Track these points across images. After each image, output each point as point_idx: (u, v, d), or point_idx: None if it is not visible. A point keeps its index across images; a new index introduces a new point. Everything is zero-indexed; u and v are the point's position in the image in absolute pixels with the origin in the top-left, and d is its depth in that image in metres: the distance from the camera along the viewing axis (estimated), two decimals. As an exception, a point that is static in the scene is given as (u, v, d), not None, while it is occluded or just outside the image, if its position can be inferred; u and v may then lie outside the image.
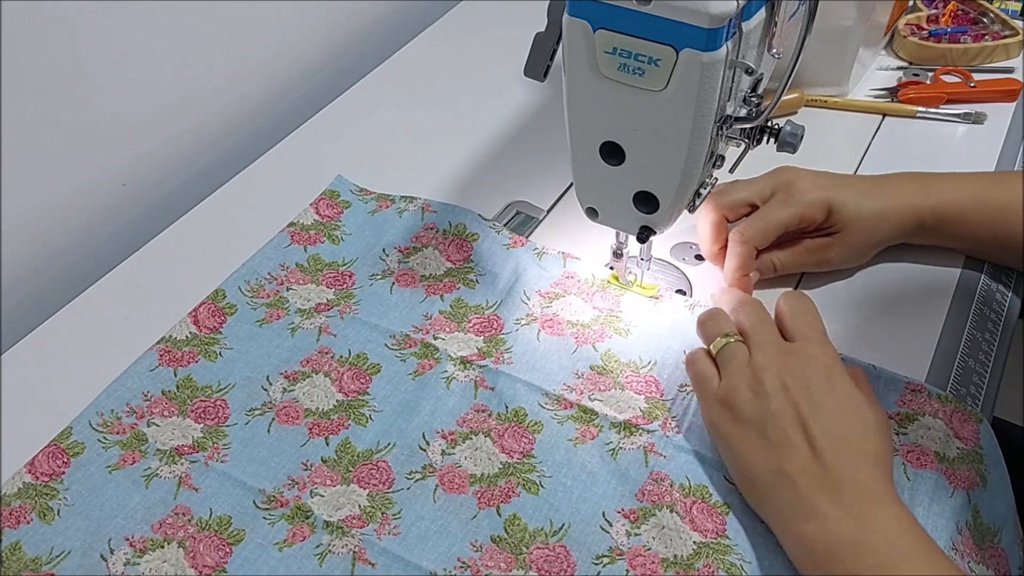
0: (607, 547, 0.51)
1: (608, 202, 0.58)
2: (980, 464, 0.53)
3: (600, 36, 0.48)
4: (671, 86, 0.48)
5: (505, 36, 0.85)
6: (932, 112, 0.81)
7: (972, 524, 0.51)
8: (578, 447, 0.56)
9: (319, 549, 0.51)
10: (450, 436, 0.57)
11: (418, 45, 0.96)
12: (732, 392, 0.52)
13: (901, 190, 0.64)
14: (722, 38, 0.45)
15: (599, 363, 0.61)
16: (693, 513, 0.52)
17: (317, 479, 0.55)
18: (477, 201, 0.74)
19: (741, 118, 0.54)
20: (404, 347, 0.62)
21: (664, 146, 0.52)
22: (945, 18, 0.90)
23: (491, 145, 0.81)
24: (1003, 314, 0.64)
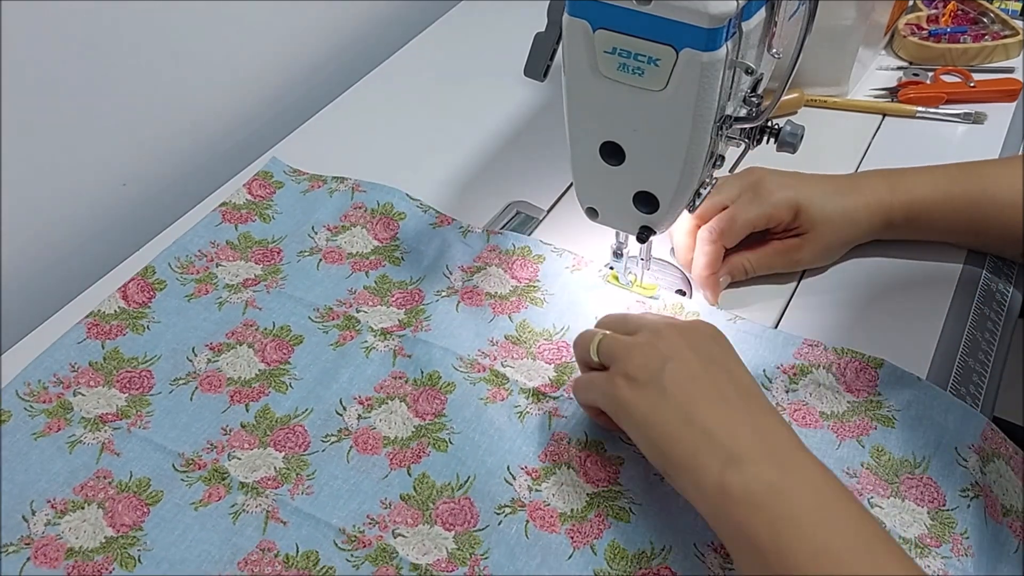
0: (509, 498, 0.53)
1: (608, 202, 0.58)
2: (878, 410, 0.56)
3: (600, 36, 0.48)
4: (671, 86, 0.48)
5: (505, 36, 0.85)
6: (932, 112, 0.81)
7: (874, 464, 0.54)
8: (488, 406, 0.58)
9: (234, 509, 0.53)
10: (367, 401, 0.59)
11: (418, 45, 0.96)
12: (626, 361, 0.50)
13: (869, 188, 0.64)
14: (722, 38, 0.45)
15: (514, 333, 0.63)
16: (587, 466, 0.55)
17: (235, 443, 0.57)
18: (477, 201, 0.74)
19: (741, 118, 0.54)
20: (327, 320, 0.64)
21: (664, 146, 0.52)
22: (945, 18, 0.90)
23: (491, 145, 0.81)
24: (1003, 313, 0.64)
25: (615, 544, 0.51)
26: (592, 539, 0.52)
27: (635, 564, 0.50)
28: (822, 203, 0.63)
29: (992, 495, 0.52)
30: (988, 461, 0.53)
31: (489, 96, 0.87)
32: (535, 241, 0.69)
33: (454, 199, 0.75)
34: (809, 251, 0.64)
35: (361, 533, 0.52)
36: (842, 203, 0.63)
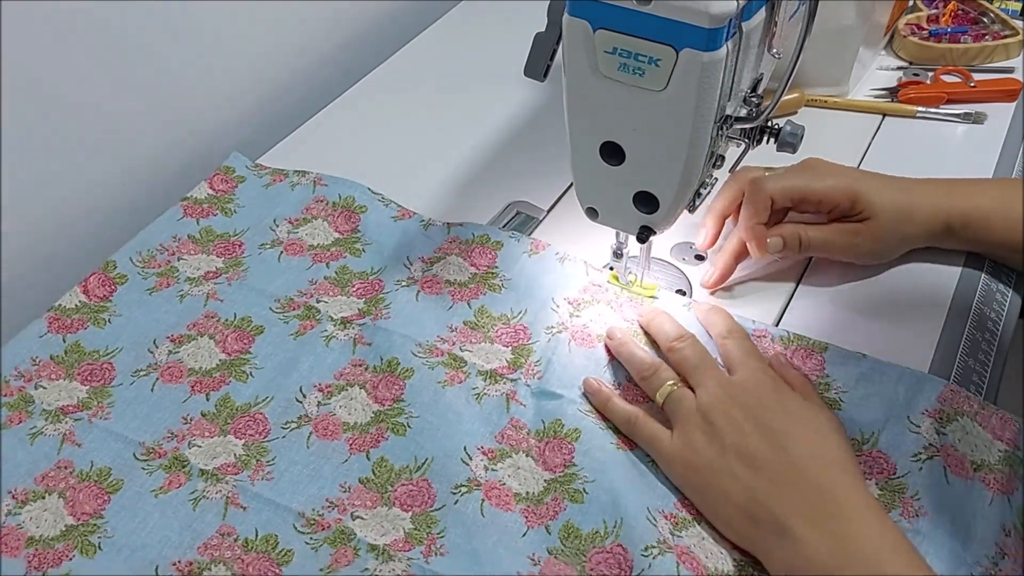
0: (466, 478, 0.54)
1: (608, 202, 0.58)
2: (826, 392, 0.56)
3: (600, 36, 0.48)
4: (671, 86, 0.48)
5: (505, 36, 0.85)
6: (932, 112, 0.81)
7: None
8: (446, 389, 0.59)
9: (194, 495, 0.53)
10: (327, 389, 0.60)
11: (418, 45, 0.96)
12: (686, 443, 0.53)
13: (927, 191, 0.63)
14: (722, 38, 0.45)
15: (472, 319, 0.64)
16: (545, 454, 0.56)
17: (196, 431, 0.57)
18: (477, 201, 0.74)
19: (741, 118, 0.54)
20: (288, 310, 0.65)
21: (664, 146, 0.52)
22: (945, 18, 0.90)
23: (491, 145, 0.81)
24: (1003, 314, 0.64)
25: (570, 524, 0.52)
26: (547, 520, 0.53)
27: (589, 543, 0.51)
28: (880, 193, 0.62)
29: (957, 453, 0.53)
30: (949, 421, 0.54)
31: (489, 96, 0.87)
32: (493, 229, 0.70)
33: (454, 199, 0.75)
34: (868, 238, 0.62)
35: (320, 516, 0.53)
36: (904, 198, 0.62)
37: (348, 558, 0.50)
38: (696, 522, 0.52)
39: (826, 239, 0.63)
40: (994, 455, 0.53)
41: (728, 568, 0.50)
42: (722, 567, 0.50)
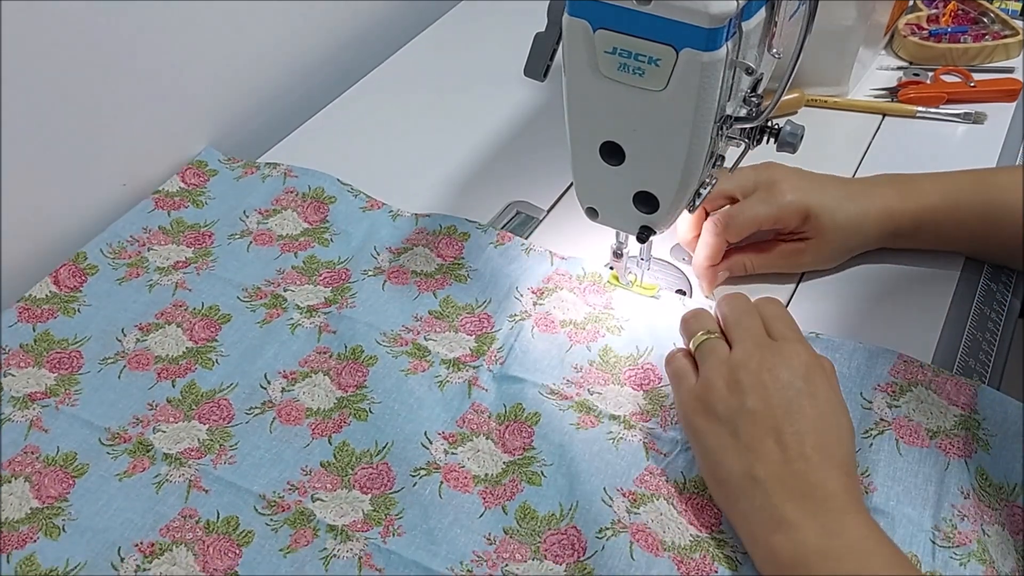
0: (425, 461, 0.55)
1: (608, 202, 0.58)
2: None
3: (600, 36, 0.48)
4: (671, 86, 0.48)
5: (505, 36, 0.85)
6: (932, 112, 0.81)
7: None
8: (409, 377, 0.60)
9: (157, 479, 0.55)
10: (291, 375, 0.61)
11: (418, 45, 0.96)
12: (708, 388, 0.51)
13: (880, 195, 0.64)
14: (722, 38, 0.45)
15: (437, 309, 0.65)
16: (505, 437, 0.56)
17: (161, 417, 0.58)
18: (477, 201, 0.74)
19: (741, 118, 0.54)
20: (255, 299, 0.66)
21: (664, 146, 0.52)
22: (945, 18, 0.90)
23: (491, 145, 0.81)
24: (1003, 314, 0.64)
25: (526, 505, 0.53)
26: (504, 500, 0.53)
27: (544, 524, 0.52)
28: (833, 210, 0.62)
29: (912, 423, 0.54)
30: (903, 393, 0.55)
31: (489, 96, 0.87)
32: (460, 220, 0.71)
33: (454, 199, 0.75)
34: (812, 256, 0.64)
35: (281, 498, 0.54)
36: (852, 211, 0.63)
37: (307, 538, 0.52)
38: (655, 497, 0.53)
39: (771, 262, 0.65)
40: (950, 420, 0.54)
41: (685, 541, 0.51)
42: (679, 540, 0.51)
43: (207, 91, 0.81)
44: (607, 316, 0.64)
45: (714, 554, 0.50)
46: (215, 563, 0.51)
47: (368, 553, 0.51)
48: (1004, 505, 0.51)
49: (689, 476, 0.54)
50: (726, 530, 0.51)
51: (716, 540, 0.51)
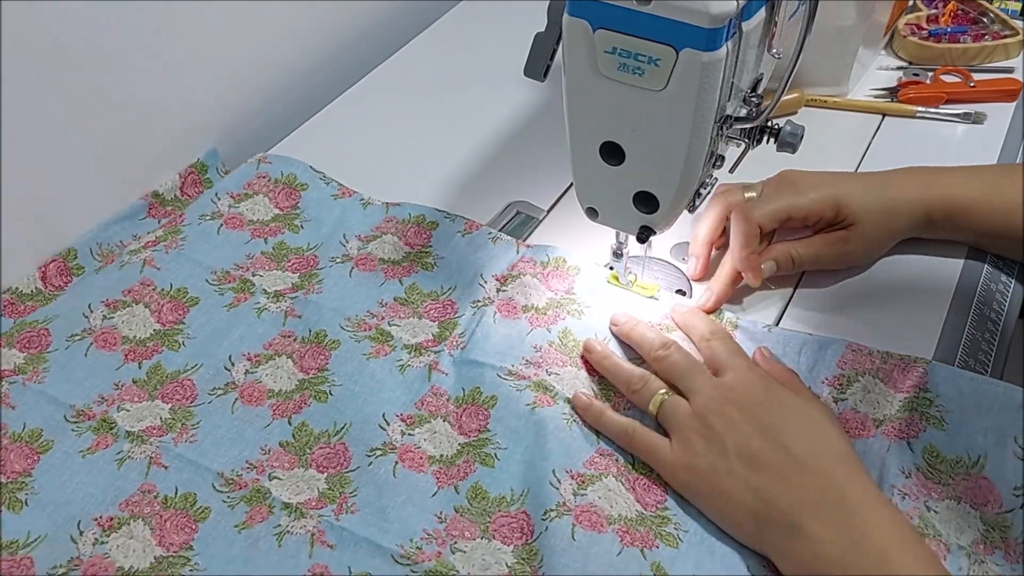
0: (382, 442, 0.56)
1: (608, 202, 0.58)
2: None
3: (600, 36, 0.48)
4: (671, 86, 0.48)
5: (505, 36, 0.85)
6: (932, 112, 0.81)
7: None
8: (370, 361, 0.61)
9: (119, 455, 0.56)
10: (255, 358, 0.62)
11: (418, 45, 0.96)
12: (686, 449, 0.52)
13: (906, 184, 0.64)
14: (722, 38, 0.45)
15: (403, 295, 0.66)
16: (462, 420, 0.58)
17: (125, 396, 0.59)
18: (477, 201, 0.74)
19: (741, 118, 0.54)
20: (223, 283, 0.67)
21: (664, 146, 0.52)
22: (945, 18, 0.90)
23: (491, 145, 0.81)
24: (1003, 314, 0.64)
25: (478, 486, 0.54)
26: (457, 480, 0.55)
27: (495, 506, 0.53)
28: (862, 196, 0.62)
29: (858, 415, 0.55)
30: (850, 384, 0.55)
31: (489, 96, 0.87)
32: (430, 209, 0.72)
33: (454, 199, 0.75)
34: (855, 243, 0.63)
35: (239, 476, 0.55)
36: (882, 196, 0.63)
37: (262, 515, 0.53)
38: (603, 476, 0.54)
39: (816, 253, 0.63)
40: (895, 407, 0.55)
41: (631, 514, 0.52)
42: (625, 513, 0.52)
43: (207, 91, 0.81)
44: (568, 301, 0.64)
45: (657, 531, 0.51)
46: (171, 537, 0.52)
47: (321, 530, 0.52)
48: (963, 479, 0.52)
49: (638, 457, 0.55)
50: (671, 507, 0.53)
51: (660, 518, 0.52)
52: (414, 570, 0.50)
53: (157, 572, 0.50)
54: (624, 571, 0.49)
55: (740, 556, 0.50)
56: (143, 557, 0.51)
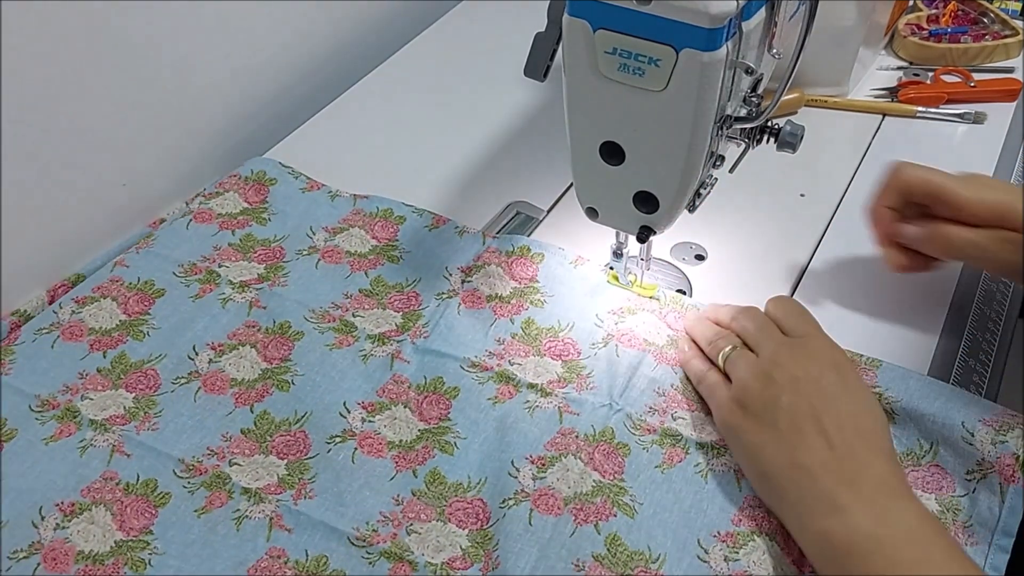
0: (341, 429, 0.57)
1: (608, 202, 0.58)
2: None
3: (600, 36, 0.48)
4: (671, 86, 0.48)
5: (505, 36, 0.85)
6: (932, 112, 0.81)
7: None
8: (333, 351, 0.62)
9: (82, 443, 0.56)
10: (219, 347, 0.62)
11: (418, 45, 0.96)
12: (743, 389, 0.52)
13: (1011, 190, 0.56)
14: (722, 38, 0.45)
15: (368, 287, 0.67)
16: (423, 407, 0.58)
17: (89, 386, 0.60)
18: (477, 201, 0.74)
19: (741, 118, 0.54)
20: (190, 274, 0.67)
21: (664, 146, 0.52)
22: (945, 18, 0.90)
23: (491, 145, 0.81)
24: (1003, 314, 0.64)
25: (436, 471, 0.55)
26: (415, 465, 0.55)
27: (452, 491, 0.54)
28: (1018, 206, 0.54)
29: None
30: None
31: (489, 96, 0.87)
32: (397, 203, 0.73)
33: (454, 199, 0.75)
34: None
35: (199, 462, 0.56)
36: None
37: (222, 500, 0.54)
38: (563, 456, 0.55)
39: (979, 242, 0.55)
40: None
41: (586, 488, 0.53)
42: (582, 488, 0.53)
43: (207, 91, 0.81)
44: (531, 290, 0.65)
45: (614, 500, 0.52)
46: (132, 522, 0.53)
47: (279, 514, 0.53)
48: (912, 468, 0.53)
49: (599, 428, 0.56)
50: (629, 476, 0.53)
51: (617, 487, 0.53)
52: (369, 552, 0.51)
53: (117, 556, 0.51)
54: (577, 552, 0.50)
55: (690, 531, 0.51)
56: (103, 541, 0.52)
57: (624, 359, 0.60)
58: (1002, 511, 0.50)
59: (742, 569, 0.49)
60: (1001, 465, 0.51)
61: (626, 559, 0.50)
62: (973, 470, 0.52)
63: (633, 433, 0.56)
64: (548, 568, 0.49)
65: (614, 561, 0.49)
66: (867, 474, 0.47)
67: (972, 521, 0.50)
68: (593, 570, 0.49)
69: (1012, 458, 0.51)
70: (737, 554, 0.50)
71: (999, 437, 0.52)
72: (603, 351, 0.61)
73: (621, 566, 0.49)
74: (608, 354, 0.61)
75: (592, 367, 0.60)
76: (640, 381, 0.59)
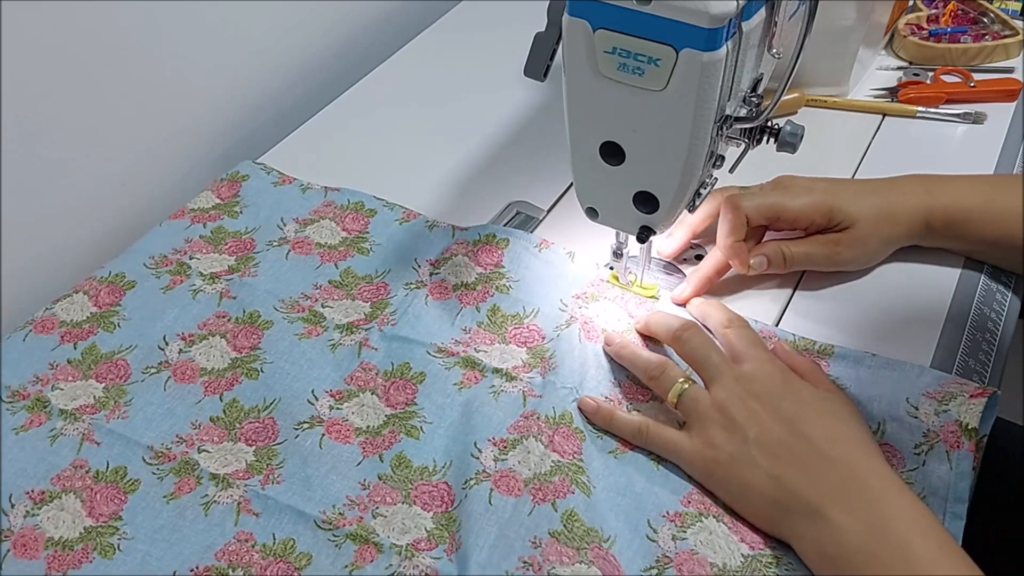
0: (309, 416, 0.58)
1: (608, 202, 0.58)
2: None
3: (600, 36, 0.48)
4: (671, 86, 0.48)
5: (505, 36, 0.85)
6: (932, 112, 0.81)
7: None
8: (302, 341, 0.63)
9: (52, 433, 0.57)
10: (189, 337, 0.63)
11: (418, 45, 0.96)
12: (706, 441, 0.53)
13: (906, 191, 0.63)
14: (722, 38, 0.45)
15: (337, 279, 0.68)
16: (390, 393, 0.59)
17: (60, 376, 0.61)
18: (477, 201, 0.74)
19: (741, 118, 0.54)
20: (161, 267, 0.68)
21: (664, 146, 0.52)
22: (945, 18, 0.90)
23: (491, 145, 0.81)
24: (1003, 314, 0.64)
25: (402, 455, 0.56)
26: (382, 449, 0.57)
27: (417, 475, 0.55)
28: (855, 201, 0.62)
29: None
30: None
31: (489, 96, 0.87)
32: (368, 196, 0.74)
33: (454, 199, 0.75)
34: (849, 246, 0.63)
35: (168, 450, 0.56)
36: (877, 202, 0.63)
37: (190, 486, 0.55)
38: (524, 438, 0.55)
39: (808, 252, 0.63)
40: None
41: (545, 468, 0.54)
42: (540, 469, 0.54)
43: (207, 92, 0.81)
44: (497, 275, 0.66)
45: (573, 478, 0.53)
46: (101, 508, 0.54)
47: (247, 499, 0.54)
48: None
49: (559, 411, 0.56)
50: (586, 459, 0.54)
51: (575, 466, 0.54)
52: (336, 534, 0.52)
53: (86, 541, 0.52)
54: (535, 530, 0.51)
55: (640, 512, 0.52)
56: (73, 528, 0.53)
57: (586, 346, 0.61)
58: (951, 478, 0.51)
59: (688, 548, 0.51)
60: (945, 433, 0.52)
61: (582, 535, 0.50)
62: (920, 443, 0.53)
63: (587, 425, 0.57)
64: (507, 546, 0.50)
65: (570, 537, 0.50)
66: (851, 479, 0.48)
67: (925, 493, 0.51)
68: (550, 547, 0.50)
69: (955, 424, 0.52)
70: (685, 533, 0.52)
71: (942, 407, 0.52)
72: (565, 333, 0.62)
73: (577, 542, 0.50)
74: (570, 336, 0.61)
75: (555, 349, 0.61)
76: (598, 372, 0.60)
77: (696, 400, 0.54)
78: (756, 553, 0.50)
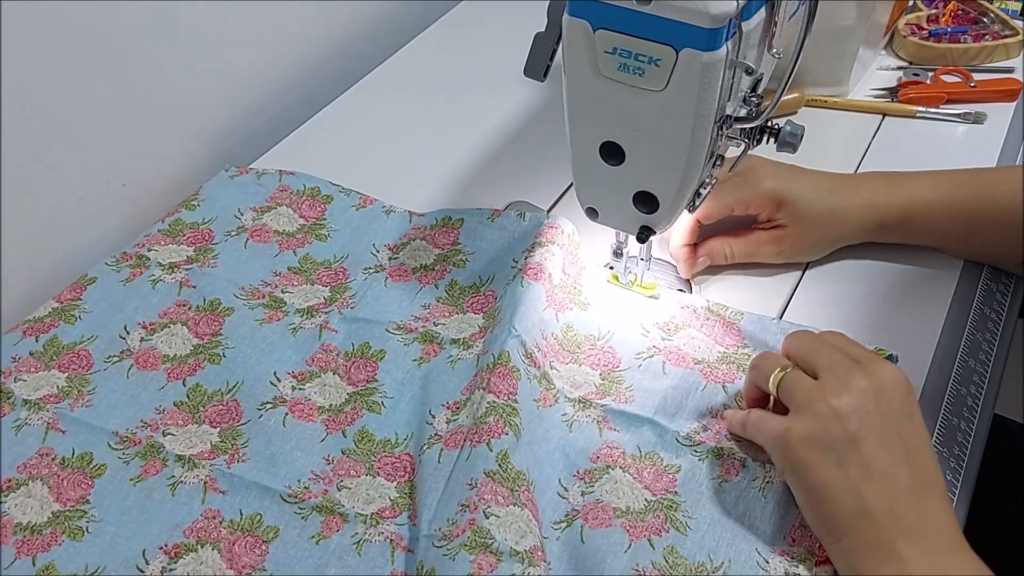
0: (272, 396, 0.59)
1: (608, 202, 0.58)
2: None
3: (600, 36, 0.48)
4: (671, 86, 0.48)
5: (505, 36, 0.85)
6: (932, 112, 0.81)
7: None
8: (263, 326, 0.64)
9: (16, 423, 0.58)
10: (150, 326, 0.64)
11: (418, 45, 0.96)
12: (809, 419, 0.48)
13: (868, 188, 0.64)
14: (722, 38, 0.45)
15: (296, 265, 0.69)
16: (351, 372, 0.61)
17: (22, 368, 0.61)
18: (477, 201, 0.74)
19: (741, 118, 0.54)
20: (121, 262, 0.69)
21: (664, 146, 0.52)
22: (945, 18, 0.90)
23: (491, 145, 0.81)
24: (1003, 314, 0.64)
25: (365, 430, 0.58)
26: (345, 425, 0.58)
27: (380, 447, 0.57)
28: (810, 199, 0.63)
29: (681, 352, 0.61)
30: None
31: (489, 96, 0.87)
32: (324, 182, 0.75)
33: (454, 199, 0.75)
34: (791, 244, 0.64)
35: (133, 434, 0.57)
36: (833, 201, 0.63)
37: (156, 468, 0.56)
38: (472, 392, 0.57)
39: (750, 250, 0.65)
40: (714, 355, 0.61)
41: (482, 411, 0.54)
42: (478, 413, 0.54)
43: (207, 92, 0.81)
44: (454, 253, 0.68)
45: (506, 420, 0.54)
46: (68, 493, 0.54)
47: (213, 478, 0.55)
48: None
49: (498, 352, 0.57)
50: (520, 400, 0.55)
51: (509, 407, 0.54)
52: (302, 507, 0.54)
53: (55, 525, 0.53)
54: (471, 472, 0.52)
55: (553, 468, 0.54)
56: (41, 513, 0.53)
57: (528, 290, 0.61)
58: None
59: (595, 498, 0.53)
60: None
61: (515, 476, 0.51)
62: None
63: (524, 360, 0.58)
64: (448, 494, 0.52)
65: (505, 477, 0.51)
66: (930, 522, 0.45)
67: None
68: (485, 486, 0.51)
69: None
70: (592, 488, 0.54)
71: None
72: (510, 286, 0.63)
73: (510, 483, 0.51)
74: (514, 288, 0.62)
75: (501, 306, 0.62)
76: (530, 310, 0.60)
77: (799, 382, 0.50)
78: (658, 498, 0.53)
